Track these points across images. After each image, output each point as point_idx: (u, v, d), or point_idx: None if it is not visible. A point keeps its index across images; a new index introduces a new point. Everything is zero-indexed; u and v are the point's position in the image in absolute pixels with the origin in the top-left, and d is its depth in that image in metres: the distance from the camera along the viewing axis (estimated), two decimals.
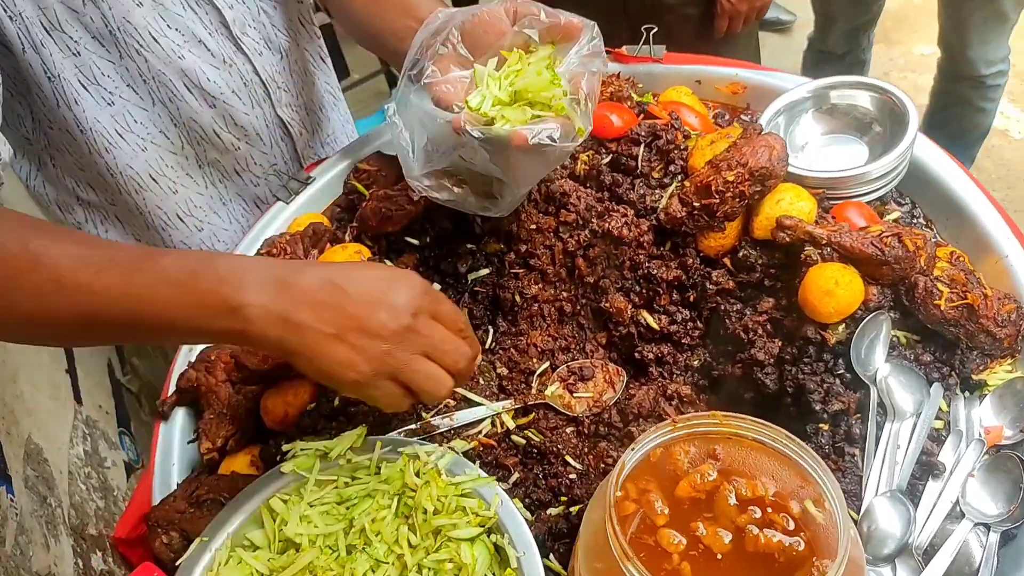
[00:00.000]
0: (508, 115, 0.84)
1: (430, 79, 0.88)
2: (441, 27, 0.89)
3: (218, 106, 1.17)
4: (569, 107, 0.83)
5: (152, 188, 1.19)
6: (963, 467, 0.82)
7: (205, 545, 0.78)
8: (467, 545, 0.75)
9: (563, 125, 0.82)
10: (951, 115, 2.52)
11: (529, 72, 0.85)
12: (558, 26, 0.86)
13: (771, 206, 0.92)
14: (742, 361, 0.94)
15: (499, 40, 0.88)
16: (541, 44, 0.88)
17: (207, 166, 1.23)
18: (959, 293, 0.85)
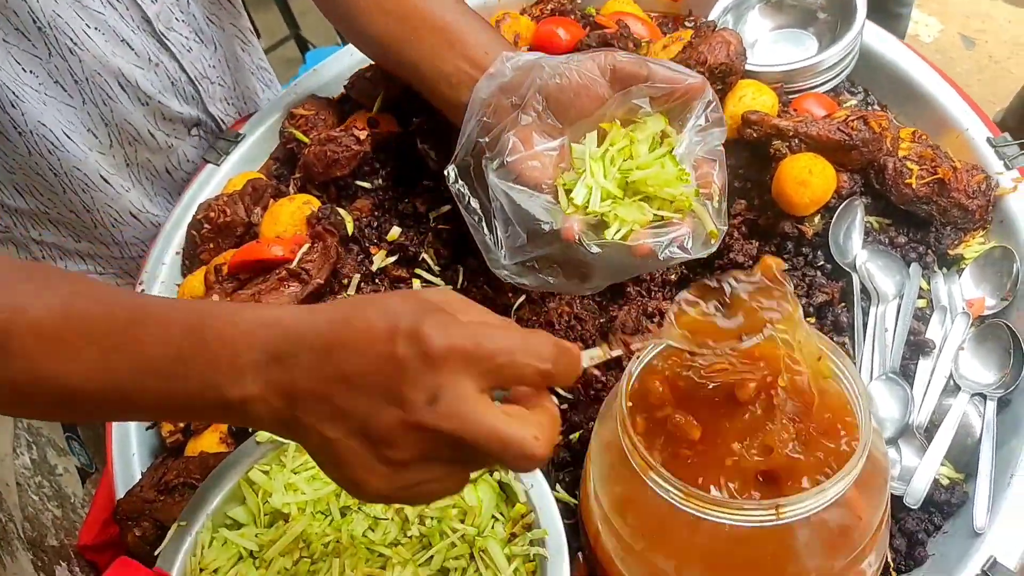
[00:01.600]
0: (623, 215, 0.69)
1: (513, 157, 0.73)
2: (512, 84, 0.75)
3: (151, 104, 1.06)
4: (698, 205, 0.70)
5: (103, 188, 1.08)
6: (952, 341, 0.82)
7: (184, 530, 0.72)
8: (471, 487, 0.71)
9: (693, 228, 0.70)
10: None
11: (645, 158, 0.71)
12: (675, 91, 0.71)
13: (734, 103, 0.89)
14: (720, 267, 0.92)
15: (595, 107, 0.73)
16: (651, 113, 0.73)
17: (135, 165, 1.13)
18: (929, 169, 0.84)
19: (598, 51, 0.74)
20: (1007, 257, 0.84)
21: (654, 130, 0.72)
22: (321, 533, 0.70)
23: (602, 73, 0.73)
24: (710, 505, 0.51)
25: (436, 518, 0.71)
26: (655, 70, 0.72)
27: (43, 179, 1.02)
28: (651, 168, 0.70)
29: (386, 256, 0.91)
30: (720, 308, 0.60)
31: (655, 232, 0.69)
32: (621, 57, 0.73)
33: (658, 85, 0.71)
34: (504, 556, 0.68)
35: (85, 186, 1.04)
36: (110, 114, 1.01)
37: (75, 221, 1.09)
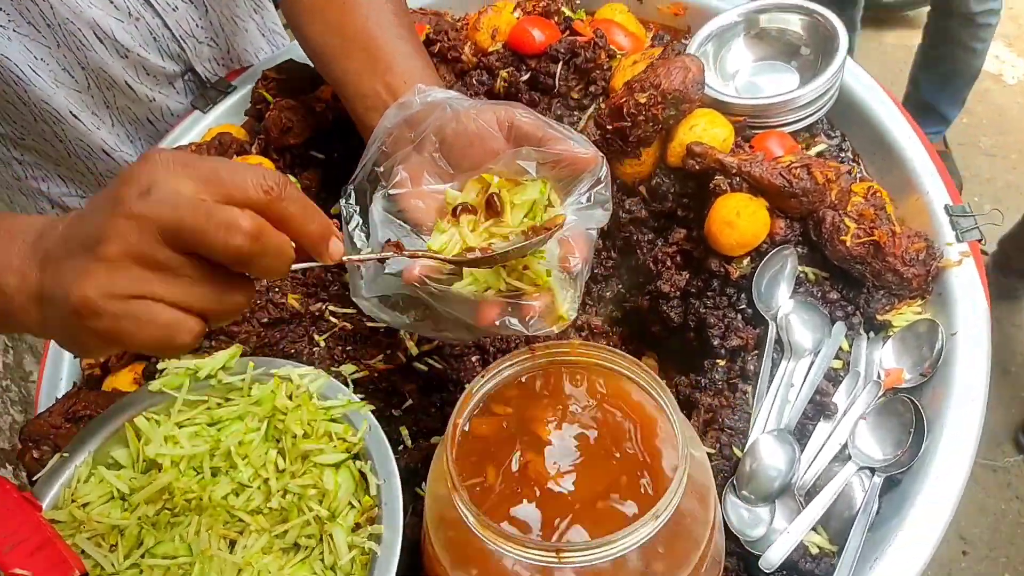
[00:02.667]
0: (478, 273, 0.68)
1: (397, 189, 0.72)
2: (417, 118, 0.74)
3: (130, 57, 1.08)
4: (555, 283, 0.68)
5: (73, 123, 1.12)
6: (856, 409, 0.80)
7: (66, 461, 0.76)
8: (331, 471, 0.73)
9: (543, 307, 0.67)
10: (942, 54, 2.45)
11: (512, 227, 0.68)
12: (562, 160, 0.69)
13: (684, 132, 0.87)
14: (650, 293, 0.91)
15: (487, 160, 0.71)
16: (536, 177, 0.70)
17: (116, 109, 1.16)
18: (866, 229, 0.81)
19: (502, 104, 0.72)
20: (933, 332, 0.81)
21: (531, 196, 0.69)
22: (187, 489, 0.73)
23: (500, 127, 0.71)
24: (497, 537, 0.52)
25: (297, 495, 0.73)
26: (549, 135, 0.69)
27: (13, 107, 1.06)
28: (513, 239, 0.67)
29: None
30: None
31: (505, 300, 0.67)
32: (522, 116, 0.70)
33: (547, 150, 0.69)
34: (347, 544, 0.70)
35: (55, 119, 1.08)
36: (85, 59, 1.04)
37: (49, 149, 1.14)
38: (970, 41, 2.38)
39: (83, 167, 1.17)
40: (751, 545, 0.75)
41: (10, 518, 0.71)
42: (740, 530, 0.75)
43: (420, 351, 0.90)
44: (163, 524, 0.73)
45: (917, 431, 0.77)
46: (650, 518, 0.52)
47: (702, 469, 0.60)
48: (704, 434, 0.81)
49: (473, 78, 0.95)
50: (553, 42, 0.95)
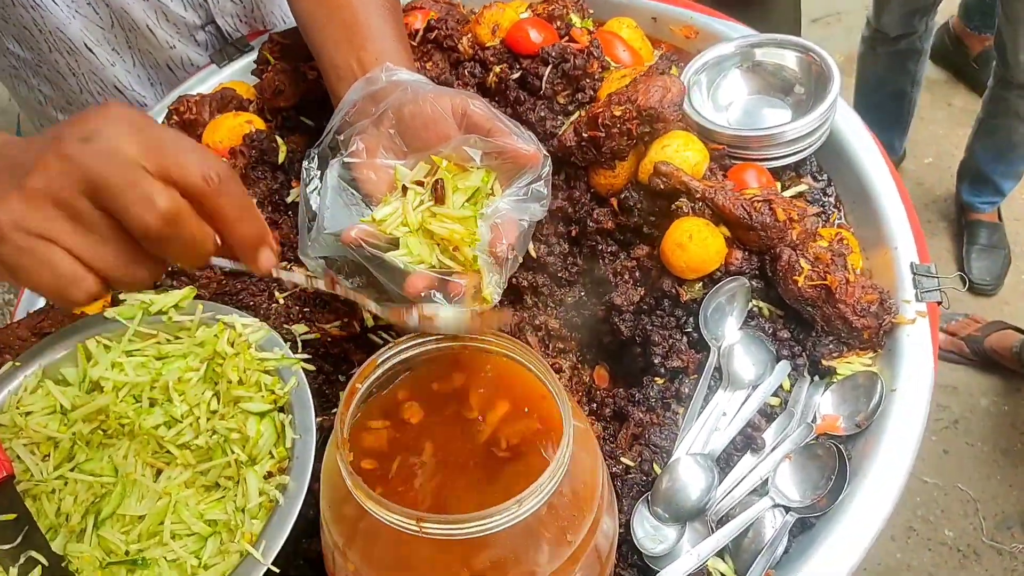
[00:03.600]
0: (412, 246, 0.73)
1: (353, 159, 0.77)
2: (380, 94, 0.78)
3: (151, 1, 1.13)
4: (483, 266, 0.72)
5: (87, 56, 1.16)
6: (783, 448, 0.81)
7: (17, 370, 0.80)
8: (256, 419, 0.76)
9: (470, 287, 0.72)
10: (1000, 125, 2.39)
11: (455, 210, 0.73)
12: (505, 153, 0.74)
13: (656, 151, 0.88)
14: (605, 304, 0.92)
15: (439, 143, 0.76)
16: (481, 165, 0.75)
17: (137, 51, 1.20)
18: (819, 272, 0.81)
19: (459, 93, 0.76)
20: (873, 385, 0.81)
21: (474, 183, 0.73)
22: (122, 413, 0.77)
23: (454, 113, 0.75)
24: (366, 498, 0.54)
25: (223, 436, 0.76)
26: (498, 127, 0.73)
27: (29, 33, 1.11)
28: (450, 220, 0.72)
29: None
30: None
31: (435, 275, 0.71)
32: (475, 106, 0.74)
33: (493, 141, 0.72)
34: (257, 490, 0.73)
35: (69, 49, 1.13)
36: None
37: (62, 82, 1.19)
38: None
39: (94, 103, 1.22)
40: (653, 561, 0.76)
41: None
42: (643, 543, 0.76)
43: (376, 324, 0.92)
44: (95, 443, 0.77)
45: (839, 478, 0.77)
46: (512, 504, 0.53)
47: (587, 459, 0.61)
48: (629, 448, 0.82)
49: (466, 70, 0.98)
50: (548, 44, 0.97)
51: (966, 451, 2.22)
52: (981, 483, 2.17)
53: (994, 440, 2.24)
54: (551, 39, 0.98)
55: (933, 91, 3.04)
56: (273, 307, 0.92)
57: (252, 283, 0.92)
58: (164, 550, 0.72)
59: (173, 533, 0.72)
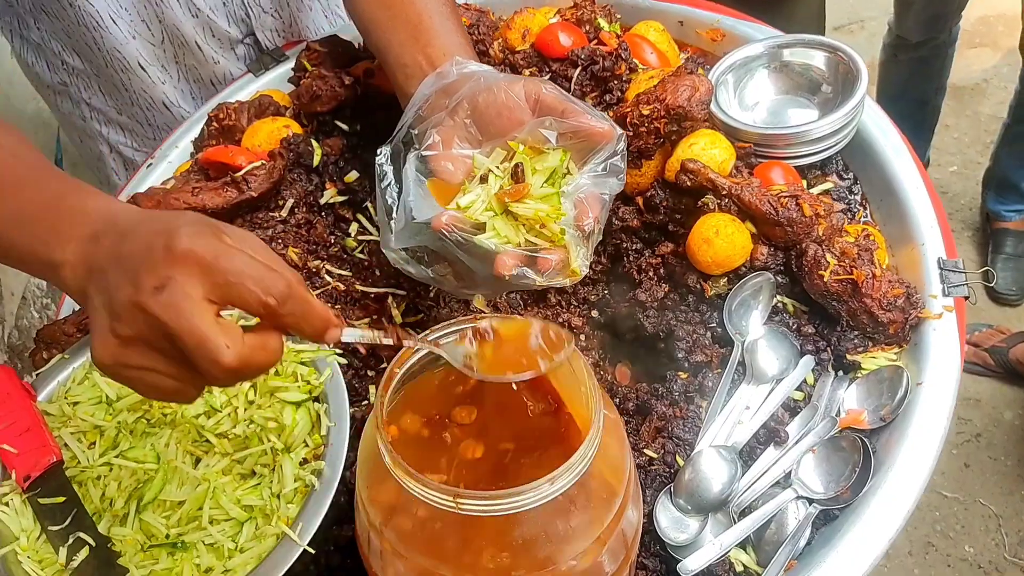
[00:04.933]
0: (499, 228, 0.75)
1: (430, 151, 0.78)
2: (453, 87, 0.80)
3: (200, 17, 1.18)
4: (570, 241, 0.74)
5: (139, 75, 1.22)
6: (806, 441, 0.81)
7: (66, 362, 0.84)
8: (292, 408, 0.78)
9: (558, 260, 0.74)
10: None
11: (536, 190, 0.75)
12: (580, 131, 0.75)
13: (683, 149, 0.90)
14: (629, 301, 0.94)
15: (514, 129, 0.78)
16: (556, 148, 0.77)
17: (184, 66, 1.25)
18: (846, 267, 0.82)
19: (531, 78, 0.78)
20: (899, 379, 0.81)
21: (552, 164, 0.75)
22: (164, 404, 0.80)
23: (527, 99, 0.77)
24: (404, 475, 0.56)
25: (260, 425, 0.79)
26: (571, 108, 0.75)
27: (89, 49, 1.16)
28: (534, 202, 0.74)
29: (336, 194, 0.99)
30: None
31: (523, 253, 0.73)
32: (547, 89, 0.76)
33: (567, 121, 0.75)
34: (292, 476, 0.75)
35: (123, 67, 1.18)
36: (162, 14, 1.14)
37: (115, 94, 1.24)
38: None
39: (143, 118, 1.27)
40: (675, 550, 0.77)
41: (8, 402, 0.79)
42: (666, 532, 0.77)
43: (404, 320, 0.95)
44: (139, 432, 0.80)
45: (863, 471, 0.77)
46: (545, 482, 0.55)
47: (616, 446, 0.63)
48: (652, 440, 0.83)
49: None
50: (578, 47, 0.99)
51: (988, 465, 2.17)
52: (1004, 498, 2.11)
53: (1018, 454, 2.18)
54: (580, 43, 1.00)
55: (958, 98, 3.01)
56: None
57: None
58: (202, 534, 0.74)
59: (211, 518, 0.75)
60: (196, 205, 0.90)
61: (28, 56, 1.27)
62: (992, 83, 3.15)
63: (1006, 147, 2.46)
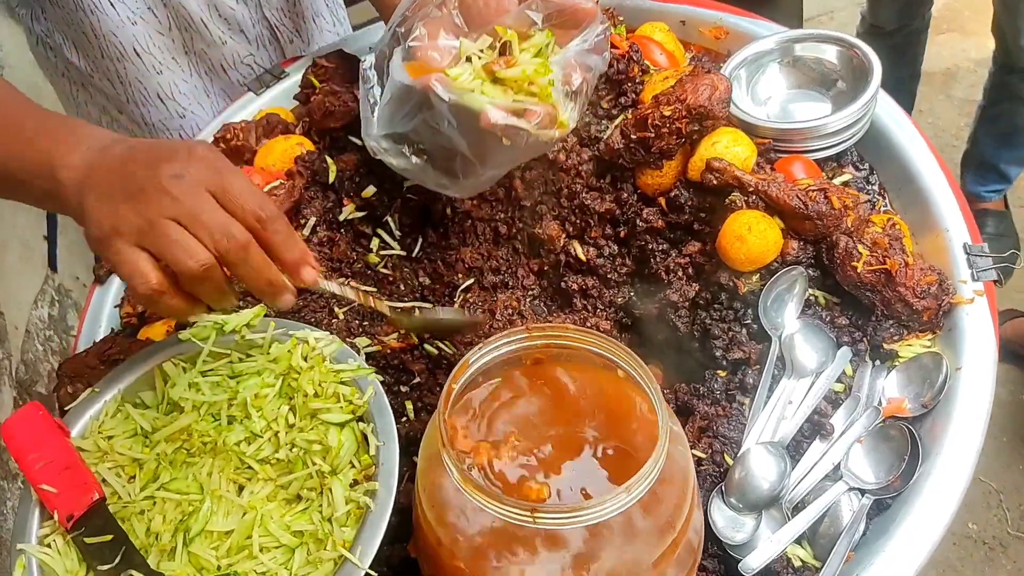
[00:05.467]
0: (488, 91, 0.77)
1: (416, 42, 0.81)
2: None
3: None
4: (557, 96, 0.77)
5: (135, 62, 1.20)
6: (853, 432, 0.82)
7: (96, 396, 0.81)
8: (336, 429, 0.77)
9: (545, 113, 0.76)
10: (1002, 111, 2.40)
11: (520, 60, 0.78)
12: (565, 10, 0.79)
13: (706, 148, 0.90)
14: (659, 301, 0.94)
15: (500, 17, 0.81)
16: (542, 28, 0.80)
17: (193, 55, 1.24)
18: (878, 257, 0.83)
19: None
20: (938, 365, 0.82)
21: (539, 41, 0.79)
22: (204, 432, 0.78)
23: None
24: (476, 491, 0.55)
25: (303, 449, 0.77)
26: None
27: (86, 38, 1.14)
28: (519, 65, 0.78)
29: (355, 210, 0.98)
30: None
31: (510, 107, 0.75)
32: None
33: (552, 1, 0.78)
34: (343, 499, 0.74)
35: (120, 54, 1.16)
36: None
37: (110, 92, 1.22)
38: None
39: (139, 116, 1.26)
40: (733, 549, 0.77)
41: (43, 440, 0.77)
42: (723, 533, 0.76)
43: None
44: (179, 463, 0.78)
45: (912, 458, 0.78)
46: (622, 491, 0.54)
47: (681, 455, 0.63)
48: (698, 440, 0.83)
49: None
50: None
51: (987, 442, 2.21)
52: (1003, 473, 2.14)
53: (1014, 429, 2.21)
54: None
55: (930, 83, 3.06)
56: (334, 322, 0.93)
57: (313, 300, 0.93)
58: (254, 563, 0.73)
59: (261, 546, 0.73)
60: None
61: (42, 50, 1.26)
62: (962, 67, 3.21)
63: (983, 128, 2.50)
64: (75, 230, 1.67)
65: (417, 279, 0.98)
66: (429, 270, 0.99)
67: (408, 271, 0.98)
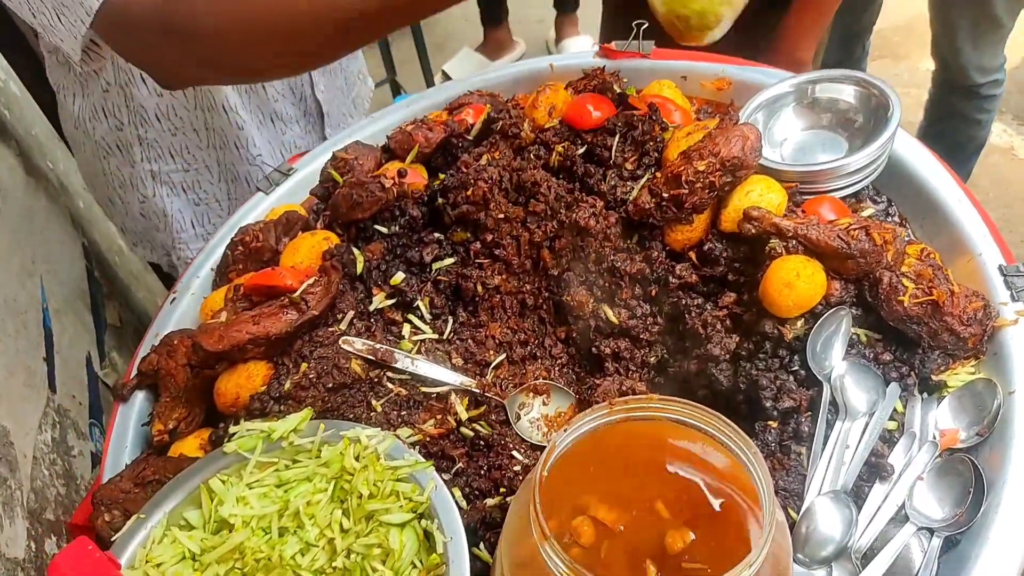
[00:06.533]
0: None
1: None
2: None
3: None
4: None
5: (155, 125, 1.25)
6: (913, 470, 0.80)
7: (142, 522, 0.78)
8: (397, 530, 0.74)
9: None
10: (945, 128, 2.43)
11: None
12: None
13: (740, 198, 0.90)
14: (698, 357, 0.93)
15: None
16: None
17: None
18: (924, 289, 0.82)
19: None
20: (990, 391, 0.81)
21: None
22: (256, 548, 0.75)
23: None
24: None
25: (361, 554, 0.74)
26: None
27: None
28: None
29: (385, 298, 0.97)
30: None
31: None
32: None
33: None
34: None
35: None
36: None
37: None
38: (975, 113, 2.36)
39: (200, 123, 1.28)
40: None
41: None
42: None
43: (468, 416, 0.92)
44: None
45: (977, 491, 0.76)
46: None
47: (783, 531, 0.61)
48: None
49: (531, 152, 1.00)
50: (610, 116, 1.00)
51: None
52: None
53: None
54: (609, 111, 1.01)
55: None
56: (372, 415, 0.91)
57: (350, 395, 0.91)
58: None
59: None
60: (260, 334, 0.86)
61: (85, 115, 1.27)
62: (897, 90, 3.30)
63: (927, 143, 2.53)
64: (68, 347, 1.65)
65: (451, 360, 0.96)
66: (461, 350, 0.97)
67: (441, 352, 0.96)
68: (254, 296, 0.95)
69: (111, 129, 1.27)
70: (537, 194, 0.99)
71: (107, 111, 1.24)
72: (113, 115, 1.25)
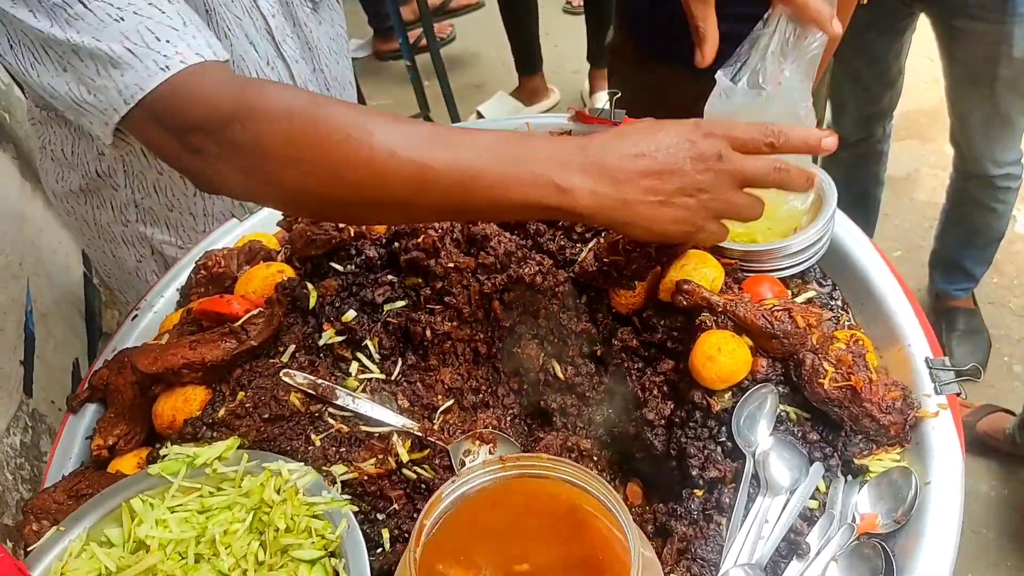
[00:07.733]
0: None
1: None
2: None
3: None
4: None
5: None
6: (828, 550, 0.81)
7: (61, 535, 0.80)
8: (306, 567, 0.75)
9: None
10: (964, 214, 2.50)
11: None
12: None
13: (676, 270, 0.93)
14: (635, 420, 0.94)
15: None
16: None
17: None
18: (843, 374, 0.84)
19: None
20: (906, 480, 0.82)
21: None
22: (170, 573, 0.76)
23: None
24: None
25: None
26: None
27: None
28: None
29: (335, 335, 0.99)
30: None
31: None
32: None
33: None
34: None
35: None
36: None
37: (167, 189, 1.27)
38: (991, 203, 2.42)
39: (185, 209, 1.29)
40: None
41: None
42: None
43: (410, 459, 0.93)
44: None
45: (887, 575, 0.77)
46: None
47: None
48: (676, 563, 0.82)
49: None
50: None
51: (972, 539, 2.17)
52: (990, 571, 2.11)
53: (998, 525, 2.19)
54: None
55: (893, 188, 3.19)
56: (310, 450, 0.92)
57: (289, 427, 0.93)
58: None
59: None
60: (196, 360, 0.89)
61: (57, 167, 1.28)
62: (923, 172, 3.35)
63: (948, 230, 2.59)
64: (53, 352, 1.66)
65: (396, 402, 0.98)
66: (408, 392, 0.99)
67: (387, 393, 0.98)
68: (204, 321, 0.98)
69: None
70: (487, 247, 1.02)
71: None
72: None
